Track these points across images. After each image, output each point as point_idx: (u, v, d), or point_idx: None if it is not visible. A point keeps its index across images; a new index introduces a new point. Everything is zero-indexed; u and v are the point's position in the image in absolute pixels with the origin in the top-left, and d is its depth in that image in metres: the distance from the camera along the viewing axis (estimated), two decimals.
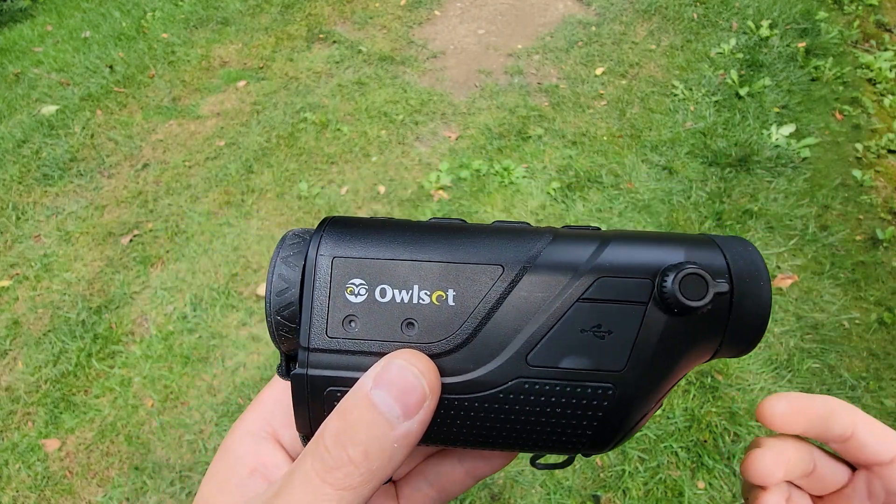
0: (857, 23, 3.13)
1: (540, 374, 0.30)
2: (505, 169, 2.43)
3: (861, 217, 2.24)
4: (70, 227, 2.30)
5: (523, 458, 1.63)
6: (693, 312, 0.28)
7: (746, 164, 2.42)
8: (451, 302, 0.30)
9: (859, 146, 2.50)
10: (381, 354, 0.29)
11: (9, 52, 3.34)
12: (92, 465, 1.66)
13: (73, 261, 2.18)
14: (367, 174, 2.46)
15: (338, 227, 0.32)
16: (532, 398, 0.30)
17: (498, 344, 0.30)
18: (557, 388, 0.30)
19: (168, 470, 1.64)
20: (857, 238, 2.17)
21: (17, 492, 1.62)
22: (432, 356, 0.30)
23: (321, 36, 3.27)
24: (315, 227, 0.33)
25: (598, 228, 0.33)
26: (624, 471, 1.59)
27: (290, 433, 0.35)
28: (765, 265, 0.31)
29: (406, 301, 0.30)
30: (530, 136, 2.61)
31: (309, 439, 0.30)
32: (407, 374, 0.27)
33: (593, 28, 3.22)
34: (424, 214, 2.27)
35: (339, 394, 0.29)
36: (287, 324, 0.31)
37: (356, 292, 0.30)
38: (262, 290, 2.04)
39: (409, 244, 0.31)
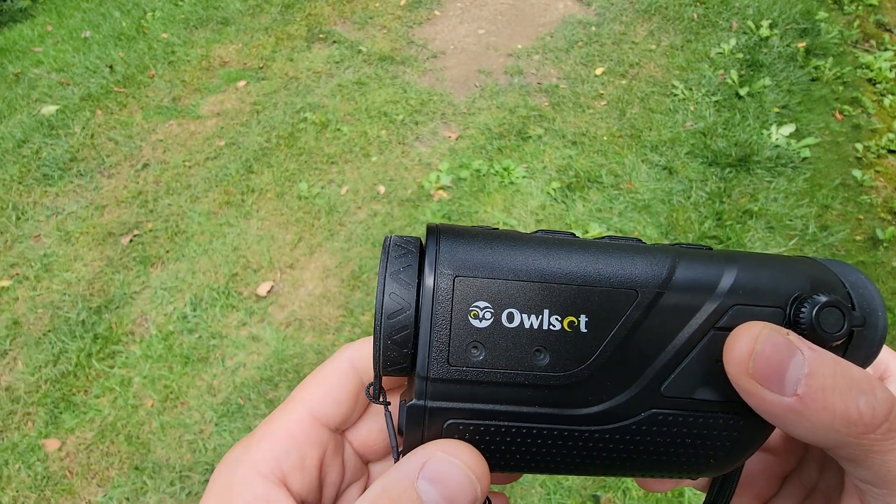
0: (857, 23, 3.13)
1: (674, 406, 0.28)
2: (505, 169, 2.43)
3: (861, 217, 2.24)
4: (70, 227, 2.30)
5: None
6: (825, 344, 0.27)
7: (746, 164, 2.42)
8: (583, 329, 0.28)
9: (859, 146, 2.50)
10: (509, 385, 0.28)
11: (9, 52, 3.34)
12: (92, 465, 1.66)
13: (73, 261, 2.18)
14: (367, 174, 2.46)
15: (452, 239, 0.29)
16: (665, 429, 0.29)
17: (632, 373, 0.28)
18: (691, 420, 0.28)
19: (168, 470, 1.64)
20: (857, 238, 2.17)
21: (17, 492, 1.62)
22: (564, 387, 0.28)
23: (321, 36, 3.27)
24: (424, 236, 0.30)
25: (710, 248, 0.31)
26: None
27: (300, 478, 0.33)
28: (879, 292, 0.30)
29: (536, 327, 0.28)
30: (530, 136, 2.61)
31: None
32: (458, 473, 0.26)
33: (593, 28, 3.22)
34: (424, 214, 2.27)
35: (460, 426, 0.28)
36: (397, 349, 0.28)
37: (481, 316, 0.28)
38: (262, 290, 2.04)
39: (535, 263, 0.28)
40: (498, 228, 0.31)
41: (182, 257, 2.17)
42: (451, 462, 0.26)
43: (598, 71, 2.95)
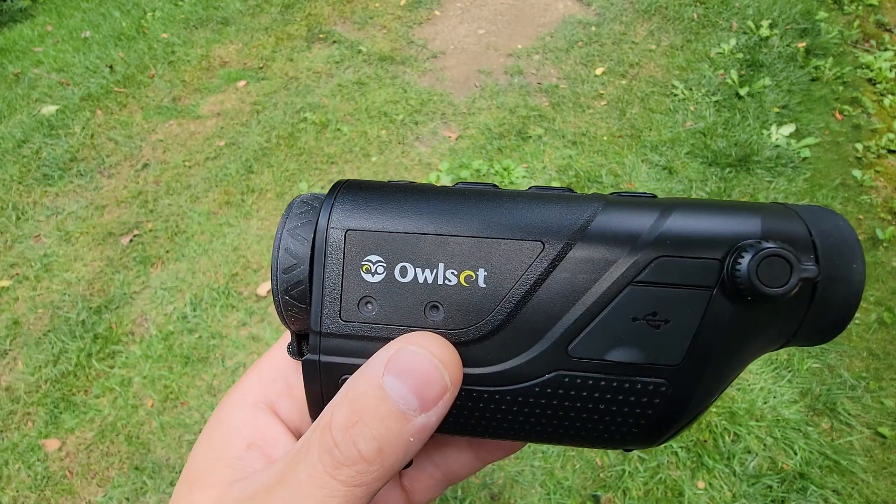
0: (857, 23, 3.13)
1: (582, 367, 0.26)
2: (505, 169, 2.43)
3: (861, 217, 2.24)
4: (70, 227, 2.30)
5: (523, 458, 1.63)
6: (771, 301, 0.24)
7: (746, 164, 2.42)
8: (481, 283, 0.26)
9: (859, 146, 2.50)
10: None
11: (9, 52, 3.34)
12: (92, 465, 1.66)
13: (73, 261, 2.18)
14: (367, 174, 2.46)
15: (351, 193, 0.28)
16: (572, 393, 0.26)
17: (535, 332, 0.26)
18: (602, 384, 0.26)
19: (168, 470, 1.64)
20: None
21: (17, 492, 1.62)
22: (459, 344, 0.26)
23: (321, 36, 3.27)
24: (326, 193, 0.29)
25: (654, 196, 0.28)
26: (624, 471, 1.59)
27: (289, 404, 0.33)
28: (858, 242, 0.26)
29: (430, 281, 0.26)
30: (530, 136, 2.61)
31: None
32: (425, 363, 0.24)
33: (593, 28, 3.22)
34: None
35: None
36: (296, 304, 0.28)
37: (373, 271, 0.27)
38: (262, 290, 2.04)
39: (434, 215, 0.27)
40: (412, 183, 0.29)
41: (182, 257, 2.17)
42: (417, 352, 0.25)
43: (598, 71, 2.95)
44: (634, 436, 0.27)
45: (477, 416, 0.27)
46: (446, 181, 2.39)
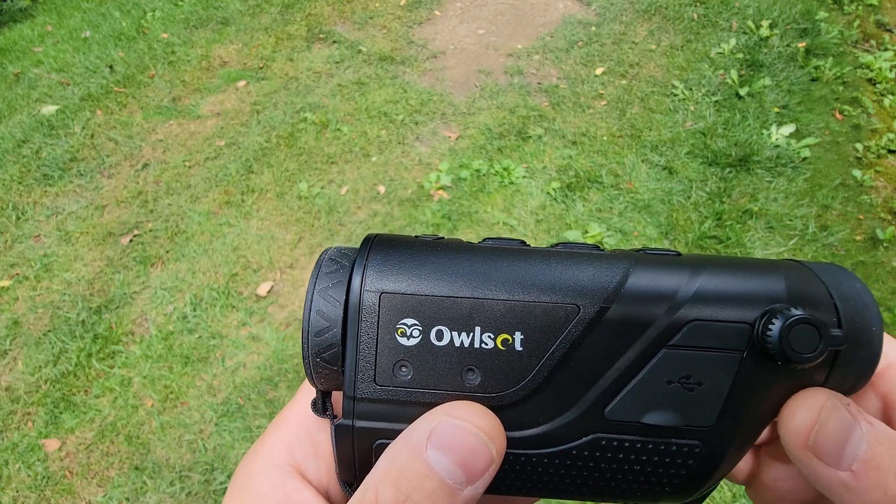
0: (857, 23, 3.13)
1: (619, 430, 0.26)
2: (505, 169, 2.43)
3: (861, 217, 2.24)
4: (70, 227, 2.30)
5: None
6: (799, 365, 0.25)
7: (746, 164, 2.42)
8: (518, 347, 0.26)
9: (859, 146, 2.50)
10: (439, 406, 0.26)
11: (9, 52, 3.34)
12: (92, 465, 1.66)
13: (73, 261, 2.18)
14: (367, 174, 2.46)
15: (383, 252, 0.28)
16: (609, 455, 0.26)
17: (572, 395, 0.26)
18: (639, 446, 0.26)
19: (168, 470, 1.64)
20: (857, 238, 2.17)
21: (17, 492, 1.62)
22: (496, 408, 0.26)
23: (321, 36, 3.27)
24: (358, 248, 0.29)
25: (679, 254, 0.29)
26: None
27: (316, 465, 0.32)
28: (876, 304, 0.27)
29: (467, 345, 0.26)
30: (530, 136, 2.61)
31: (352, 486, 0.27)
32: (469, 436, 0.24)
33: (593, 28, 3.22)
34: (424, 214, 2.27)
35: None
36: (328, 366, 0.28)
37: (408, 334, 0.26)
38: (262, 290, 2.04)
39: (468, 277, 0.27)
40: (442, 238, 0.29)
41: (182, 257, 2.17)
42: (460, 426, 0.24)
43: (598, 71, 2.95)
44: (668, 494, 0.27)
45: (512, 478, 0.27)
46: (446, 181, 2.39)
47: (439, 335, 0.26)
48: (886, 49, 2.97)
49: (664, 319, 0.26)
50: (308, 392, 0.33)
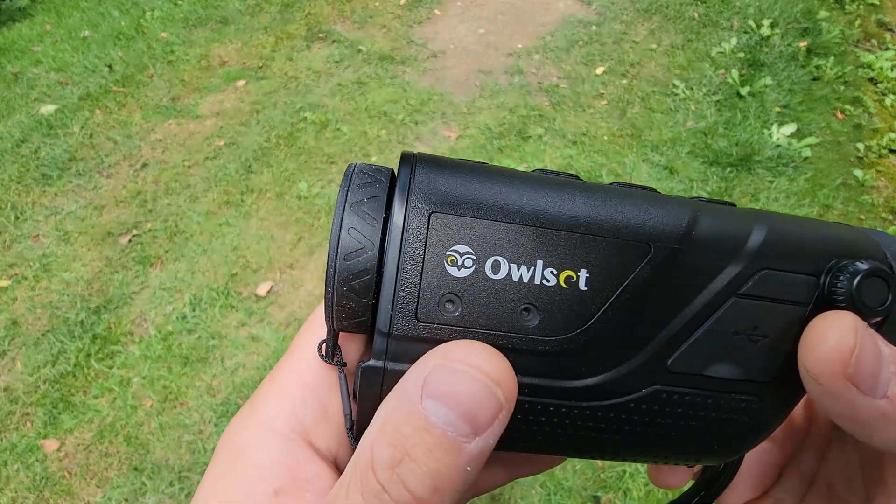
0: (858, 22, 3.12)
1: (681, 382, 0.24)
2: None
3: (862, 217, 2.23)
4: (69, 227, 2.30)
5: None
6: (866, 319, 0.23)
7: (747, 163, 2.42)
8: (582, 286, 0.23)
9: (860, 146, 2.50)
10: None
11: (8, 51, 3.33)
12: (91, 466, 1.66)
13: (71, 261, 2.18)
14: None
15: (432, 168, 0.24)
16: (667, 409, 0.25)
17: (637, 342, 0.24)
18: (699, 400, 0.24)
19: (167, 470, 1.64)
20: None
21: (16, 492, 1.61)
22: (555, 354, 0.23)
23: (321, 35, 3.26)
24: (397, 165, 0.25)
25: (734, 204, 0.28)
26: (625, 471, 1.59)
27: (327, 432, 0.27)
28: None
29: (526, 281, 0.23)
30: (530, 136, 2.60)
31: None
32: (469, 383, 0.21)
33: (594, 27, 3.22)
34: None
35: None
36: (356, 297, 0.23)
37: (460, 263, 0.23)
38: (261, 291, 2.04)
39: (531, 203, 0.24)
40: (487, 164, 0.26)
41: (181, 257, 2.17)
42: (458, 370, 0.21)
43: (599, 70, 2.94)
44: (714, 451, 0.26)
45: (559, 433, 0.24)
46: None
47: (495, 267, 0.23)
48: (888, 48, 2.97)
49: (735, 266, 0.24)
50: (309, 341, 0.28)
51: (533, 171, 0.27)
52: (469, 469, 0.21)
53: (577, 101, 2.79)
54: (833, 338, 0.22)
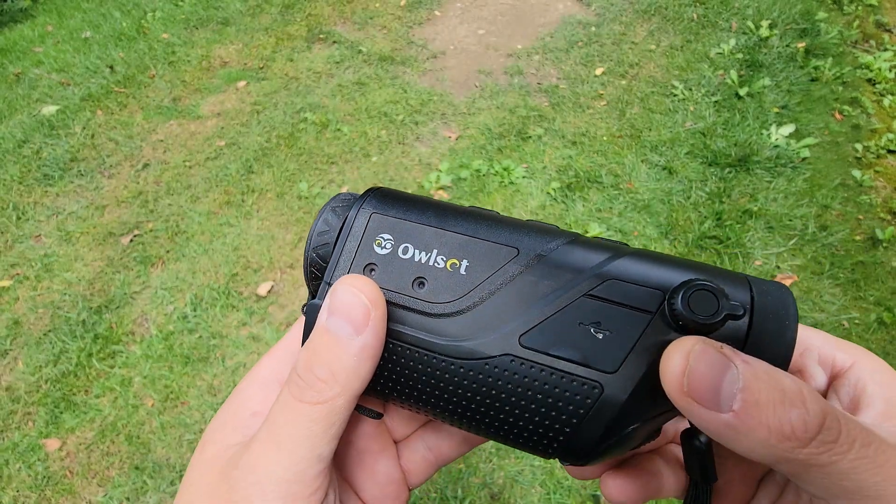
0: (856, 23, 3.13)
1: (529, 356, 0.30)
2: (505, 169, 2.43)
3: (861, 217, 2.24)
4: (70, 227, 2.31)
5: (523, 458, 1.63)
6: (700, 331, 0.27)
7: (746, 164, 2.43)
8: (462, 271, 0.32)
9: (859, 146, 2.51)
10: (392, 304, 0.32)
11: (9, 52, 3.34)
12: (92, 465, 1.67)
13: (73, 261, 2.18)
14: (367, 174, 2.46)
15: (382, 193, 0.35)
16: (516, 377, 0.30)
17: (496, 319, 0.31)
18: (543, 373, 0.29)
19: (168, 469, 1.65)
20: (857, 238, 2.17)
21: (18, 491, 1.62)
22: (433, 315, 0.31)
23: (321, 36, 3.27)
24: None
25: (626, 245, 0.33)
26: None
27: None
28: (795, 308, 0.28)
29: (423, 261, 0.32)
30: (530, 136, 2.61)
31: None
32: (348, 295, 0.30)
33: (593, 28, 3.23)
34: None
35: None
36: (319, 262, 0.34)
37: (383, 245, 0.33)
38: (262, 290, 2.05)
39: (439, 217, 0.33)
40: (432, 198, 0.36)
41: (182, 257, 2.18)
42: (342, 289, 0.31)
43: (598, 71, 2.95)
44: (565, 439, 0.29)
45: (433, 385, 0.31)
46: (446, 181, 2.40)
47: (405, 250, 0.33)
48: (886, 49, 2.98)
49: (588, 273, 0.30)
50: (298, 329, 0.38)
51: (469, 207, 0.35)
52: (355, 359, 0.30)
53: (576, 101, 2.79)
54: (671, 360, 0.25)
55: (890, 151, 2.49)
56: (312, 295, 0.36)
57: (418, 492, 1.59)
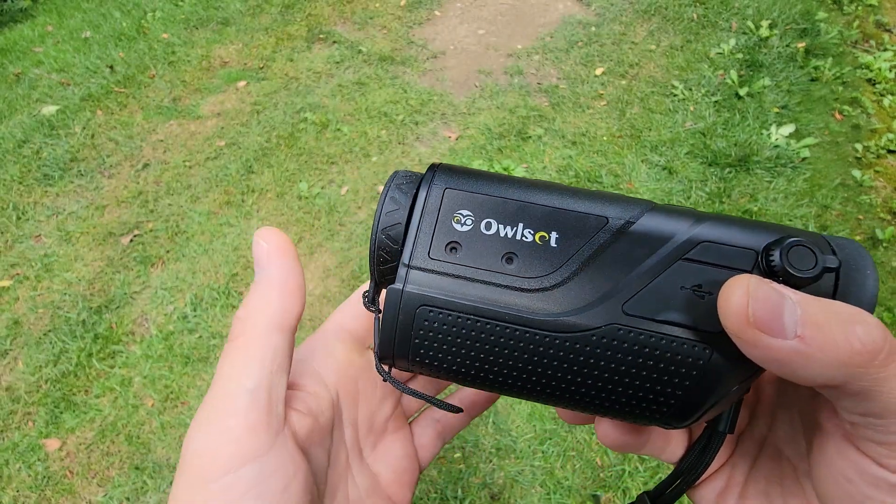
0: (856, 23, 3.13)
1: (635, 324, 0.29)
2: (505, 169, 2.43)
3: (861, 217, 2.24)
4: (70, 227, 2.31)
5: (523, 458, 1.63)
6: (798, 286, 0.27)
7: (746, 164, 2.43)
8: (553, 243, 0.31)
9: (859, 146, 2.51)
10: (480, 282, 0.30)
11: (9, 52, 3.34)
12: (92, 465, 1.67)
13: (73, 261, 2.18)
14: (367, 174, 2.46)
15: (451, 168, 0.34)
16: (625, 346, 0.29)
17: (595, 290, 0.30)
18: (652, 339, 0.29)
19: (168, 470, 1.65)
20: (857, 238, 2.17)
21: (18, 492, 1.62)
22: (527, 291, 0.30)
23: (321, 36, 3.27)
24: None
25: (695, 209, 0.33)
26: (624, 470, 1.60)
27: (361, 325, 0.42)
28: (871, 259, 0.30)
29: (510, 236, 0.31)
30: (530, 136, 2.61)
31: (386, 358, 0.32)
32: (255, 246, 0.33)
33: (593, 28, 3.23)
34: None
35: (430, 312, 0.30)
36: (389, 244, 0.32)
37: (463, 222, 0.31)
38: None
39: (519, 189, 0.32)
40: (496, 172, 0.34)
41: (182, 257, 2.18)
42: (254, 243, 0.33)
43: (598, 71, 2.95)
44: (673, 405, 0.29)
45: (536, 362, 0.30)
46: None
47: (488, 226, 0.31)
48: (886, 49, 2.98)
49: (682, 236, 0.30)
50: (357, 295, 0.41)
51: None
52: (261, 288, 0.33)
53: (576, 101, 2.79)
54: (732, 294, 0.26)
55: (890, 151, 2.49)
56: (376, 282, 0.34)
57: (418, 492, 1.59)
